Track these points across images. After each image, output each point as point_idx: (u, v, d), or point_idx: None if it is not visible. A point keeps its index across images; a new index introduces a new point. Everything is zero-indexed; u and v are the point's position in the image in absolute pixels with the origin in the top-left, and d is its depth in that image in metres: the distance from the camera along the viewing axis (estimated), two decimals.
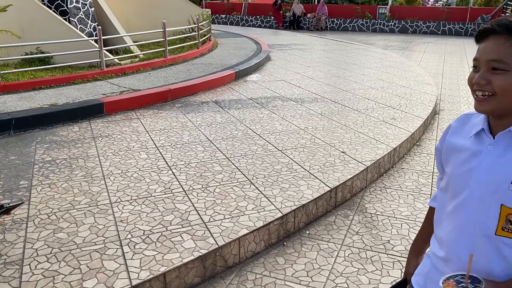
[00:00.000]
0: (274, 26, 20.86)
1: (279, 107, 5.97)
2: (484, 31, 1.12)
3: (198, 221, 2.97)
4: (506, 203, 1.12)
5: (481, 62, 1.12)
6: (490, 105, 1.12)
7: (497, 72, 1.10)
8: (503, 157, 1.14)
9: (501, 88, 1.09)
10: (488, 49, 1.11)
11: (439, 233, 1.31)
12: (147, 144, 4.47)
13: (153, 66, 8.30)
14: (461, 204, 1.21)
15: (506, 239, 1.13)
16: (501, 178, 1.12)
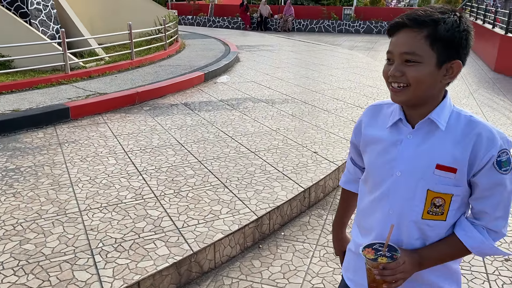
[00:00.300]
0: (241, 27, 20.85)
1: (250, 108, 5.95)
2: (396, 25, 1.15)
3: (172, 227, 2.91)
4: (431, 187, 1.17)
5: (395, 54, 1.15)
6: (405, 95, 1.16)
7: (411, 64, 1.13)
8: (423, 144, 1.19)
9: (415, 79, 1.13)
10: (401, 42, 1.14)
11: (364, 223, 1.34)
12: (116, 149, 4.36)
13: (119, 69, 8.13)
14: (385, 193, 1.25)
15: (431, 221, 1.21)
16: (426, 164, 1.17)
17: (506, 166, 1.14)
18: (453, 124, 1.18)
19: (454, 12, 1.15)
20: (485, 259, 2.89)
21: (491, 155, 1.13)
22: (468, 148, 1.14)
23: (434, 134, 1.18)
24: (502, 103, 7.37)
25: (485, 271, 2.78)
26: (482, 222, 1.20)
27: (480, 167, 1.14)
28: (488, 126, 1.16)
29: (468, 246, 1.20)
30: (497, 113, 6.68)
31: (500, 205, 1.17)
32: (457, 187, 1.17)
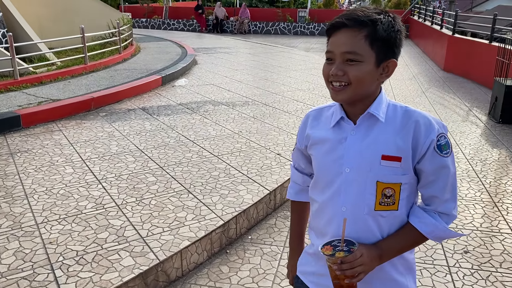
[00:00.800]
0: (197, 30, 20.69)
1: (210, 111, 5.89)
2: (336, 24, 1.17)
3: (135, 236, 2.82)
4: (380, 178, 1.20)
5: (336, 54, 1.17)
6: (346, 94, 1.18)
7: (352, 63, 1.15)
8: (367, 138, 1.22)
9: (356, 78, 1.16)
10: (342, 42, 1.16)
11: (319, 225, 1.35)
12: (72, 158, 4.19)
13: (72, 74, 7.84)
14: (337, 191, 1.26)
15: (384, 212, 1.23)
16: (372, 156, 1.21)
17: (446, 149, 1.20)
18: (391, 116, 1.23)
19: (387, 13, 1.19)
20: (446, 252, 2.98)
21: (431, 140, 1.18)
22: (409, 136, 1.19)
23: (375, 127, 1.22)
24: (452, 100, 7.69)
25: (447, 264, 2.87)
26: (433, 206, 1.24)
27: (423, 152, 1.19)
28: (423, 113, 1.22)
29: (423, 231, 1.23)
30: (448, 110, 6.96)
31: (446, 188, 1.22)
32: (404, 175, 1.21)
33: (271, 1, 26.48)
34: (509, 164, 4.67)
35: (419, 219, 1.24)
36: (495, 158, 4.81)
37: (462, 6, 36.20)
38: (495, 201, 3.78)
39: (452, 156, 1.23)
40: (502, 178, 4.28)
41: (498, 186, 4.10)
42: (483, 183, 4.15)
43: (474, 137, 5.57)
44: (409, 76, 9.89)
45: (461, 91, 8.49)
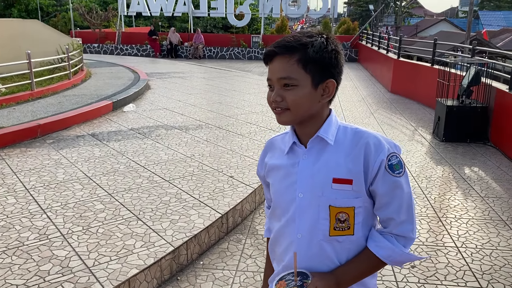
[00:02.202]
0: (151, 55, 20.59)
1: (163, 136, 5.82)
2: (269, 54, 1.21)
3: (81, 266, 2.71)
4: (332, 202, 1.20)
5: (273, 81, 1.20)
6: (286, 117, 1.20)
7: (289, 88, 1.17)
8: (318, 162, 1.22)
9: (293, 101, 1.18)
10: (276, 69, 1.19)
11: (277, 251, 1.34)
12: (15, 187, 4.00)
13: (17, 101, 7.55)
14: (292, 218, 1.25)
15: (339, 237, 1.22)
16: (323, 180, 1.20)
17: (399, 168, 1.19)
18: (342, 138, 1.23)
19: (321, 34, 1.21)
20: (394, 267, 3.05)
21: (381, 160, 1.18)
22: (359, 157, 1.19)
23: (325, 150, 1.22)
24: (399, 121, 8.01)
25: (395, 279, 2.93)
26: (389, 229, 1.22)
27: (374, 173, 1.18)
28: (373, 134, 1.22)
29: (380, 255, 1.20)
30: (395, 130, 7.24)
31: (402, 209, 1.20)
32: (357, 199, 1.20)
33: (225, 26, 26.88)
34: (452, 180, 4.89)
35: (375, 243, 1.22)
36: (439, 175, 5.03)
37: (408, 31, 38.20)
38: (439, 216, 3.93)
39: (406, 176, 1.21)
40: (445, 194, 4.47)
41: (442, 201, 4.27)
42: (428, 199, 4.31)
43: (420, 155, 5.80)
44: (358, 98, 10.25)
45: (407, 111, 8.87)
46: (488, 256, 3.26)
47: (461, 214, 3.98)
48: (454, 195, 4.44)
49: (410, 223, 1.22)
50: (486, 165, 5.46)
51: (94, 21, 22.29)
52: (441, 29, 37.27)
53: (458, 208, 4.12)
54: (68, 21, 27.55)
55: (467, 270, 3.07)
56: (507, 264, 3.16)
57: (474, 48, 8.10)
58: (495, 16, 45.41)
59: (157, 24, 25.72)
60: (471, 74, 6.40)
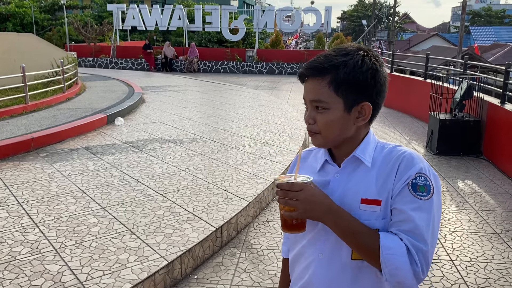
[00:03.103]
0: (146, 69, 20.65)
1: (157, 149, 5.81)
2: (301, 75, 1.18)
3: (74, 281, 2.67)
4: None
5: (307, 101, 1.18)
6: (318, 140, 1.18)
7: (320, 111, 1.14)
8: (350, 181, 1.18)
9: (324, 125, 1.14)
10: (308, 90, 1.16)
11: (297, 270, 1.29)
12: (8, 201, 3.96)
13: (11, 114, 7.53)
14: (316, 237, 1.21)
15: (360, 261, 1.15)
16: (351, 201, 1.15)
17: (423, 191, 1.09)
18: (377, 157, 1.18)
19: (359, 51, 1.14)
20: None
21: (408, 176, 1.10)
22: (391, 175, 1.13)
23: (359, 170, 1.18)
24: (393, 134, 8.05)
25: None
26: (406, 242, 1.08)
27: (399, 188, 1.11)
28: (409, 151, 1.16)
29: (381, 242, 1.07)
30: None
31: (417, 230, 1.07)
32: (383, 220, 1.13)
33: (220, 41, 27.03)
34: (445, 193, 4.90)
35: (384, 233, 1.10)
36: None
37: (401, 46, 38.63)
38: None
39: (431, 203, 1.09)
40: None
41: None
42: None
43: None
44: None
45: (400, 125, 8.93)
46: (483, 269, 3.26)
47: (455, 227, 3.99)
48: (448, 208, 4.45)
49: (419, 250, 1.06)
50: (479, 178, 5.49)
51: (89, 35, 22.38)
52: (433, 43, 37.74)
53: (452, 221, 4.12)
54: (63, 35, 27.64)
55: (462, 283, 3.06)
56: (502, 277, 3.16)
57: (466, 63, 8.20)
58: (486, 31, 46.11)
59: (152, 38, 25.86)
60: (463, 88, 6.47)
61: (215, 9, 21.41)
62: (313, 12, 21.76)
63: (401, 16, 58.83)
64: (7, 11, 30.24)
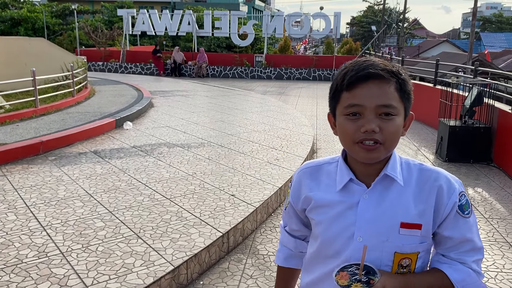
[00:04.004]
0: (155, 73, 20.76)
1: (165, 153, 5.82)
2: (368, 75, 1.05)
3: (80, 285, 2.67)
4: (399, 249, 1.10)
5: (368, 108, 1.04)
6: (380, 153, 1.07)
7: (387, 118, 1.05)
8: (382, 202, 1.11)
9: (392, 134, 1.06)
10: (375, 94, 1.04)
11: None
12: (16, 204, 3.98)
13: (21, 117, 7.60)
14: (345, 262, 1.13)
15: (394, 275, 1.11)
16: (389, 224, 1.09)
17: (467, 208, 1.12)
18: (407, 177, 1.12)
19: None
20: None
21: (453, 202, 1.10)
22: (431, 200, 1.10)
23: (391, 190, 1.11)
24: (402, 140, 8.00)
25: None
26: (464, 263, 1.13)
27: (445, 216, 1.10)
28: (443, 173, 1.14)
29: (453, 278, 1.10)
30: (398, 150, 7.15)
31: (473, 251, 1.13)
32: (423, 244, 1.11)
33: (229, 46, 27.13)
34: None
35: (449, 265, 1.12)
36: None
37: (410, 52, 38.50)
38: None
39: (474, 216, 1.14)
40: None
41: None
42: None
43: None
44: None
45: (409, 131, 8.86)
46: (493, 279, 3.21)
47: None
48: None
49: (479, 261, 1.14)
50: (489, 185, 5.42)
51: (99, 40, 22.56)
52: (443, 50, 37.56)
53: None
54: (74, 39, 27.91)
55: None
56: None
57: (476, 69, 8.13)
58: (497, 37, 45.83)
59: (161, 43, 25.99)
60: (473, 95, 6.41)
61: (224, 14, 21.50)
62: (322, 17, 21.76)
63: (410, 22, 58.71)
64: (19, 16, 30.62)
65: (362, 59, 1.11)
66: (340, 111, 1.10)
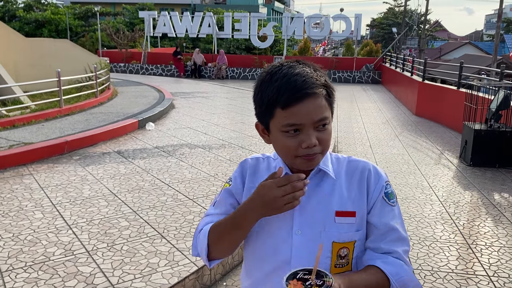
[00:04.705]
0: (175, 75, 20.95)
1: (187, 154, 5.86)
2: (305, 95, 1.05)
3: (105, 283, 2.70)
4: (336, 238, 1.12)
5: (306, 124, 1.06)
6: (318, 159, 1.11)
7: (323, 129, 1.08)
8: (317, 194, 1.14)
9: (328, 141, 1.10)
10: (311, 110, 1.06)
11: None
12: (42, 202, 4.06)
13: (46, 117, 7.75)
14: (286, 260, 1.13)
15: (339, 274, 1.09)
16: (325, 215, 1.12)
17: (393, 198, 1.17)
18: (337, 169, 1.17)
19: (304, 65, 1.13)
20: None
21: (381, 186, 1.15)
22: (362, 186, 1.15)
23: (324, 182, 1.15)
24: (424, 144, 7.88)
25: None
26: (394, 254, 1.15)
27: (373, 201, 1.15)
28: (370, 163, 1.20)
29: (388, 272, 1.11)
30: (421, 153, 7.12)
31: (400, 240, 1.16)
32: (358, 231, 1.14)
33: (248, 48, 27.19)
34: (481, 206, 4.75)
35: (381, 260, 1.13)
36: (468, 200, 4.89)
37: (431, 54, 37.99)
38: (469, 243, 3.81)
39: (398, 207, 1.19)
40: (475, 220, 4.34)
41: (471, 228, 4.14)
42: (456, 225, 4.19)
43: (447, 179, 5.67)
44: (383, 120, 10.15)
45: (432, 135, 8.73)
46: None
47: (492, 242, 3.85)
48: (484, 222, 4.31)
49: (407, 252, 1.17)
50: None
51: (121, 41, 22.88)
52: (465, 52, 36.95)
53: (488, 235, 3.98)
54: (96, 41, 28.35)
55: None
56: None
57: (502, 72, 7.96)
58: None
59: (182, 44, 26.21)
60: (500, 98, 6.28)
61: (244, 16, 21.56)
62: (342, 19, 21.63)
63: (432, 24, 57.89)
64: (43, 18, 31.27)
65: (290, 69, 1.09)
66: (276, 127, 1.10)
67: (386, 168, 6.00)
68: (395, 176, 5.66)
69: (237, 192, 1.23)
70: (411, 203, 4.68)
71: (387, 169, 5.96)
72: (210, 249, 1.16)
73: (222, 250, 1.17)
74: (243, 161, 1.27)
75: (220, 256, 1.18)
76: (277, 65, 1.15)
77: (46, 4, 34.99)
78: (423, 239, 3.80)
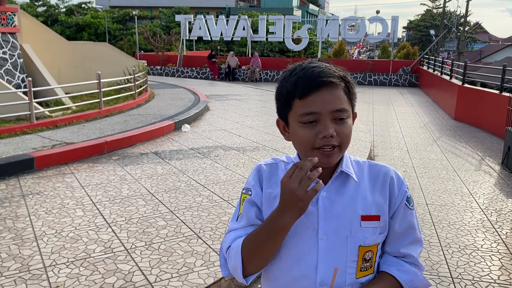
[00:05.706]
0: (210, 78, 21.19)
1: (221, 156, 5.92)
2: (322, 83, 1.06)
3: (143, 281, 2.77)
4: (362, 242, 1.12)
5: (323, 114, 1.06)
6: (336, 156, 1.09)
7: (341, 121, 1.07)
8: (341, 198, 1.13)
9: (347, 136, 1.09)
10: (329, 100, 1.06)
11: None
12: (83, 200, 4.19)
13: (87, 118, 8.00)
14: (312, 264, 1.11)
15: (363, 278, 1.14)
16: (351, 218, 1.11)
17: (411, 202, 1.20)
18: (359, 173, 1.17)
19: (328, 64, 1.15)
20: None
21: (403, 192, 1.17)
22: (385, 191, 1.16)
23: (347, 186, 1.14)
24: (464, 149, 7.65)
25: None
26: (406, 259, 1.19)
27: (397, 206, 1.17)
28: (391, 168, 1.21)
29: (402, 280, 1.14)
30: (460, 159, 6.91)
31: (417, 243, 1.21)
32: (382, 234, 1.15)
33: (282, 50, 27.19)
34: None
35: (396, 267, 1.16)
36: (511, 208, 4.71)
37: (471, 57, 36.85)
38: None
39: (415, 209, 1.22)
40: None
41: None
42: (499, 233, 4.04)
43: (488, 186, 5.48)
44: (420, 125, 9.92)
45: (472, 140, 8.46)
46: None
47: None
48: None
49: (420, 252, 1.21)
50: None
51: (157, 45, 23.34)
52: (507, 55, 35.61)
53: None
54: (133, 44, 29.07)
55: None
56: None
57: None
58: None
59: (216, 47, 26.50)
60: None
61: (278, 19, 21.58)
62: (379, 21, 21.30)
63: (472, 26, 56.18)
64: (84, 22, 32.33)
65: (309, 64, 1.12)
66: (294, 118, 1.10)
67: (424, 174, 5.86)
68: (433, 182, 5.52)
69: (259, 200, 1.19)
70: (450, 210, 4.56)
71: (425, 175, 5.82)
72: (245, 264, 1.12)
73: (258, 263, 1.13)
74: (257, 168, 1.23)
75: (256, 271, 1.14)
76: (298, 63, 1.16)
77: (86, 8, 36.16)
78: (463, 247, 3.69)
